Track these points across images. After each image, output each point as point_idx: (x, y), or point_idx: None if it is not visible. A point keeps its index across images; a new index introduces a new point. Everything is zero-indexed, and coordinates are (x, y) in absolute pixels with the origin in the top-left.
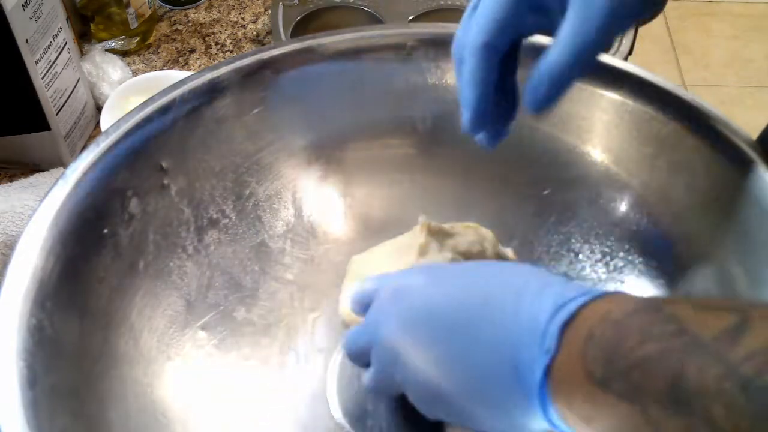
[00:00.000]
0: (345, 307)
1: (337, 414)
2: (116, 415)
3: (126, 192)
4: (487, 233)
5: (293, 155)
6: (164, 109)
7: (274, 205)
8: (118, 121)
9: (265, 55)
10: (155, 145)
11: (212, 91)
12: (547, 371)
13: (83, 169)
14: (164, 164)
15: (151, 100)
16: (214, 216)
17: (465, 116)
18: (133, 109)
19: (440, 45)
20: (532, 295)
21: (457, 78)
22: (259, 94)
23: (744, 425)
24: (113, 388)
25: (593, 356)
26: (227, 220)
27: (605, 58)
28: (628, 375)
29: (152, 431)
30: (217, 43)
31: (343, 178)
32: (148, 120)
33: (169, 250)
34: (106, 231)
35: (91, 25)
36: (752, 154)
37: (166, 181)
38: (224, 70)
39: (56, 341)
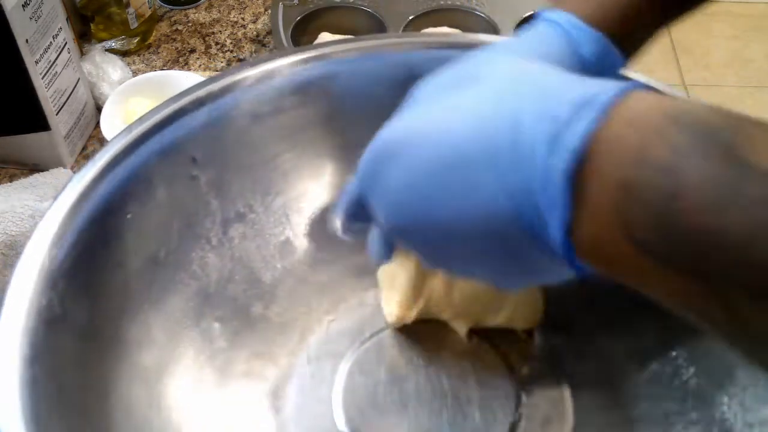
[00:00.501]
0: (389, 313)
1: (341, 422)
2: (119, 401)
3: (154, 179)
4: None
5: (325, 156)
6: (199, 102)
7: (301, 204)
8: (153, 109)
9: (303, 55)
10: (188, 137)
11: (249, 87)
12: (568, 232)
13: (114, 153)
14: (196, 156)
15: (187, 91)
16: (241, 210)
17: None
18: (169, 99)
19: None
20: (526, 125)
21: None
22: (296, 94)
23: None
24: (120, 373)
25: (635, 217)
26: (254, 215)
27: None
28: (694, 249)
29: (155, 421)
30: (217, 43)
31: None
32: (183, 111)
33: (192, 241)
34: (129, 216)
35: (91, 25)
36: None
37: (195, 172)
38: (263, 68)
39: (64, 322)
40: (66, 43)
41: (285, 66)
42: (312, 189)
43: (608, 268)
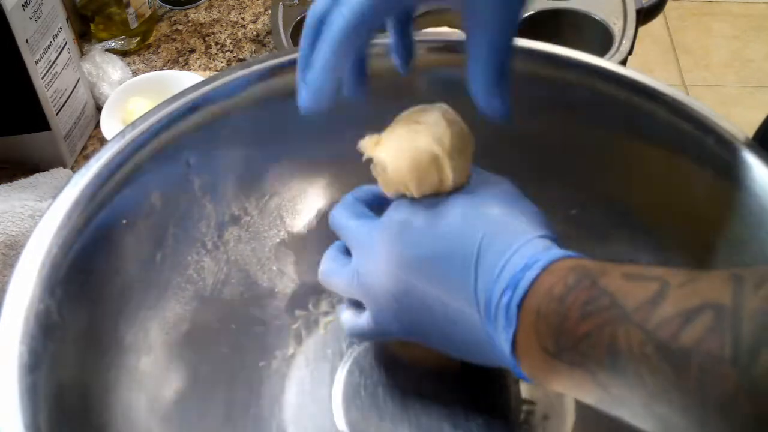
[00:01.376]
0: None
1: (341, 423)
2: (119, 407)
3: (149, 184)
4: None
5: (320, 157)
6: (193, 105)
7: (297, 206)
8: (146, 113)
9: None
10: (182, 140)
11: (242, 89)
12: (513, 344)
13: (107, 158)
14: (190, 160)
15: (181, 94)
16: (236, 213)
17: (305, 96)
18: (162, 103)
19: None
20: (496, 271)
21: (307, 43)
22: (294, 95)
23: (665, 381)
24: (119, 379)
25: (544, 332)
26: (249, 218)
27: (622, 69)
28: (575, 348)
29: (154, 426)
30: (217, 43)
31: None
32: (176, 114)
33: (187, 245)
34: (124, 222)
35: (91, 25)
36: (750, 153)
37: (190, 176)
38: (256, 68)
39: (63, 328)
40: (66, 43)
41: (281, 66)
42: (306, 190)
43: (532, 369)
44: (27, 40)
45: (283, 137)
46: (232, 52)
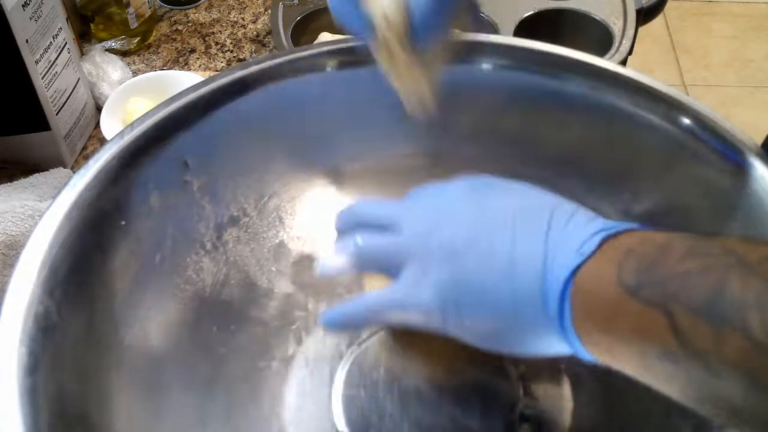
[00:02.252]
0: None
1: (341, 424)
2: (119, 409)
3: (147, 185)
4: None
5: (318, 157)
6: (191, 106)
7: (295, 207)
8: (145, 114)
9: (298, 54)
10: (180, 141)
11: (241, 89)
12: (574, 275)
13: (106, 160)
14: (188, 160)
15: (179, 95)
16: (235, 214)
17: None
18: (161, 104)
19: None
20: (584, 218)
21: None
22: (289, 95)
23: None
24: (119, 381)
25: (629, 266)
26: (248, 219)
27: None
28: (664, 284)
29: (155, 427)
30: (217, 43)
31: (366, 186)
32: (174, 115)
33: (186, 246)
34: (123, 223)
35: (91, 25)
36: (749, 153)
37: (188, 177)
38: (255, 68)
39: (62, 330)
40: (66, 43)
41: (281, 66)
42: (305, 190)
43: (589, 304)
44: (27, 40)
45: (282, 138)
46: (232, 52)
